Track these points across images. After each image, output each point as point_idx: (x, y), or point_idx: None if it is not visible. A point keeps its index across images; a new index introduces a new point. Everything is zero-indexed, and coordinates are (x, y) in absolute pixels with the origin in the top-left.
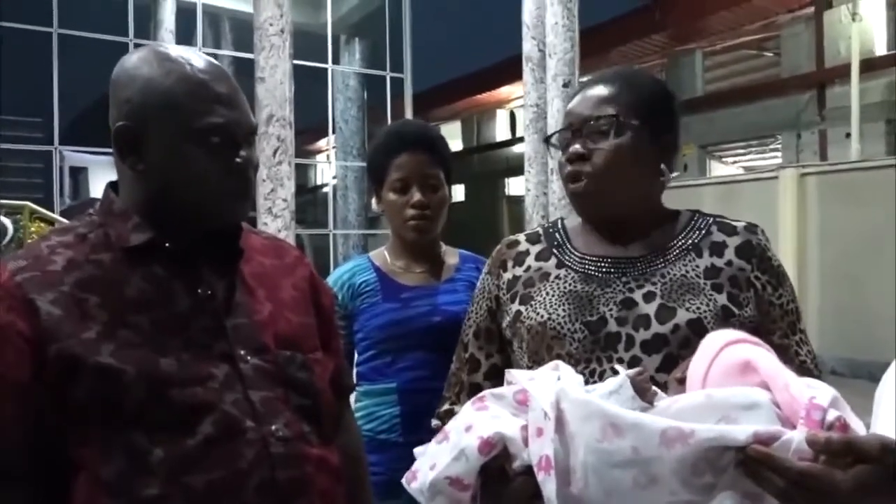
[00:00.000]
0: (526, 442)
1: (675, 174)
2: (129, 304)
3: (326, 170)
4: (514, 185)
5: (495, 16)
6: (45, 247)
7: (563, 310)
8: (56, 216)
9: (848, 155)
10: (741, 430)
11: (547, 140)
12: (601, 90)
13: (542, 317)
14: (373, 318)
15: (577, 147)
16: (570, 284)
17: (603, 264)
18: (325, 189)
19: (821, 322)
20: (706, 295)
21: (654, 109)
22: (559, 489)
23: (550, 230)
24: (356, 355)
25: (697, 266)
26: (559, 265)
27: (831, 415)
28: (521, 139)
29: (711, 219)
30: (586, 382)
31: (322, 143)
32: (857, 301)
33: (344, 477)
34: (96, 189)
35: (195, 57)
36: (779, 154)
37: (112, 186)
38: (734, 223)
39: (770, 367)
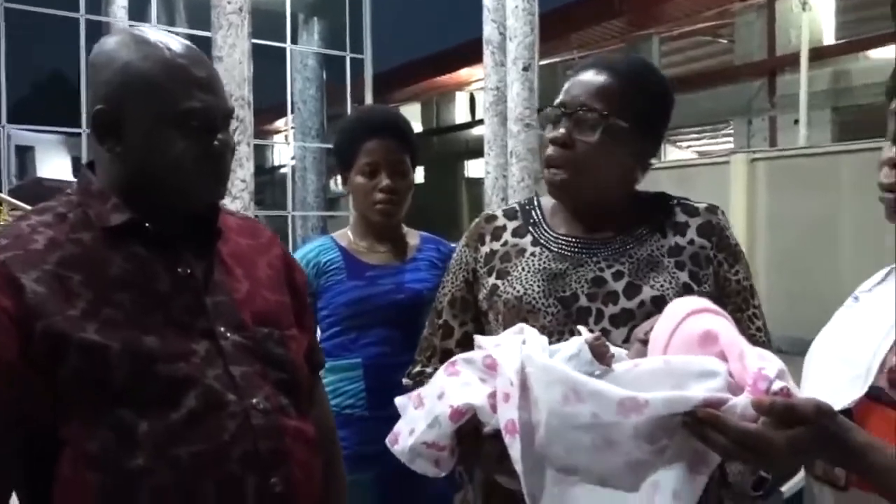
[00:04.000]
0: (493, 409)
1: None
2: (111, 283)
3: (284, 150)
4: (473, 168)
5: None
6: (26, 226)
7: (539, 286)
8: (6, 197)
9: (796, 141)
10: (692, 397)
11: (540, 110)
12: (603, 79)
13: (518, 291)
14: (338, 296)
15: (562, 133)
16: (544, 262)
17: (576, 245)
18: (282, 170)
19: (768, 301)
20: (669, 273)
21: (648, 112)
22: (524, 449)
23: (527, 207)
24: (319, 332)
25: (662, 245)
26: (534, 243)
27: (776, 385)
28: (481, 122)
29: (676, 200)
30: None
31: (280, 124)
32: (803, 282)
33: (320, 448)
34: (43, 168)
35: (173, 41)
36: (731, 139)
37: (89, 166)
38: (696, 204)
39: (728, 338)
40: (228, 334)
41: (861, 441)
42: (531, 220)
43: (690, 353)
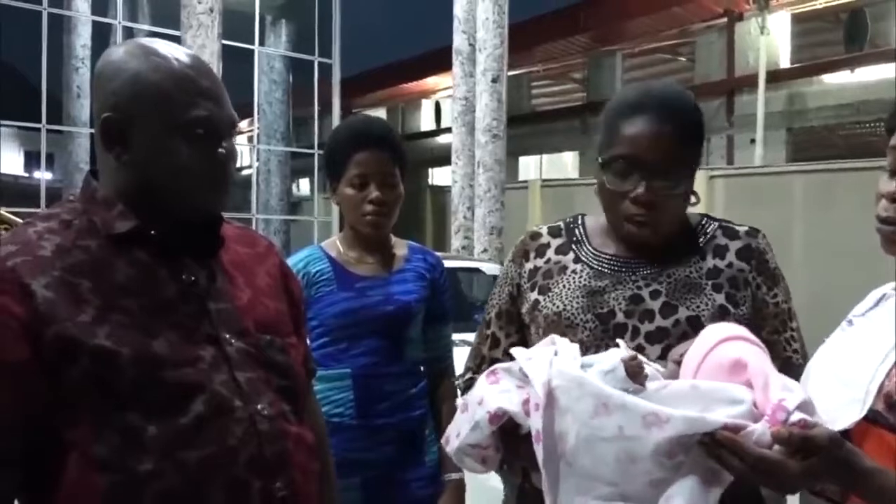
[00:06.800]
0: (527, 414)
1: None
2: (118, 289)
3: (247, 153)
4: (438, 175)
5: (425, 6)
6: (33, 232)
7: (577, 302)
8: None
9: (752, 160)
10: (712, 420)
11: (604, 163)
12: (671, 130)
13: (557, 307)
14: (329, 307)
15: (646, 194)
16: (584, 280)
17: (616, 263)
18: (244, 172)
19: None
20: (706, 295)
21: (699, 144)
22: (549, 458)
23: (571, 225)
24: (308, 342)
25: (701, 268)
26: (576, 260)
27: (794, 416)
28: (447, 130)
29: (717, 223)
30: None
31: (243, 125)
32: None
33: (318, 453)
34: None
35: (180, 52)
36: None
37: (92, 174)
38: (737, 228)
39: (756, 367)
40: (233, 341)
41: (868, 466)
42: (574, 238)
43: (719, 379)
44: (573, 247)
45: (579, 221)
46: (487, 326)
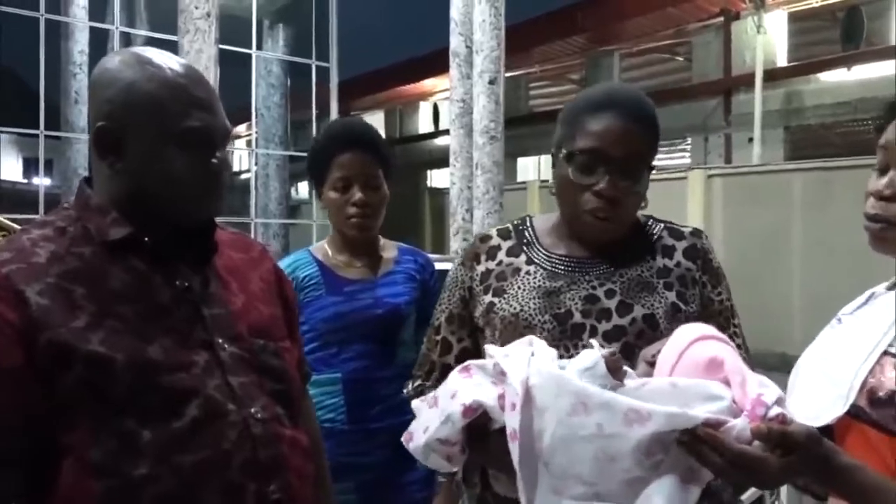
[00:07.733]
0: (503, 408)
1: None
2: (113, 296)
3: (245, 157)
4: (437, 178)
5: (421, 8)
6: (27, 240)
7: (534, 303)
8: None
9: (750, 158)
10: (693, 416)
11: (569, 156)
12: (637, 129)
13: (514, 309)
14: (318, 311)
15: (607, 187)
16: (539, 281)
17: (569, 264)
18: (242, 176)
19: None
20: (659, 293)
21: (657, 149)
22: (525, 457)
23: (520, 227)
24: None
25: (651, 267)
26: (529, 262)
27: (773, 411)
28: (445, 132)
29: (662, 224)
30: None
31: (241, 130)
32: (754, 294)
33: (313, 456)
34: None
35: (175, 62)
36: (687, 155)
37: (86, 181)
38: (682, 228)
39: (732, 364)
40: (226, 346)
41: (846, 462)
42: (524, 240)
43: (695, 378)
44: (524, 248)
45: (528, 223)
46: (437, 332)
